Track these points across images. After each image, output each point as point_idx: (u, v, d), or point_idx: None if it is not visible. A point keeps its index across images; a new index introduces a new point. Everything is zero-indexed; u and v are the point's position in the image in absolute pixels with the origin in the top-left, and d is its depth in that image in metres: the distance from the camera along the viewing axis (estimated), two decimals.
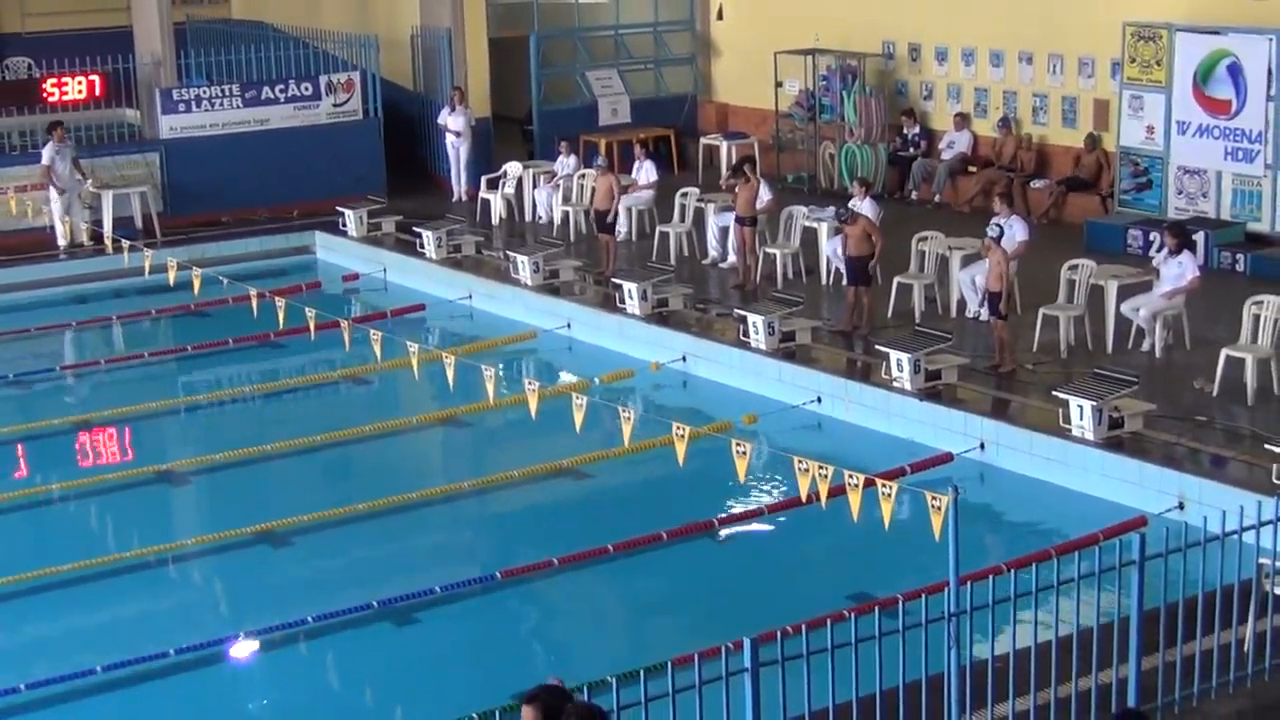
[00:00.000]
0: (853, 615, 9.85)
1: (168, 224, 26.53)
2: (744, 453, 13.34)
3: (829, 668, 9.46)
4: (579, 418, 14.91)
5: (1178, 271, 18.38)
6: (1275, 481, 14.19)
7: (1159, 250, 19.22)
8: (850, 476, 12.30)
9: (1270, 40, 21.85)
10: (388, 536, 16.04)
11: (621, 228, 24.89)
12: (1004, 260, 18.08)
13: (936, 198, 26.35)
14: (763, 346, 19.20)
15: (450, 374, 16.60)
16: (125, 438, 19.28)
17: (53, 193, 25.62)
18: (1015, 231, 19.59)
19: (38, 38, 31.86)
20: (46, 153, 25.51)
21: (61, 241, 25.84)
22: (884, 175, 27.08)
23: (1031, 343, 18.85)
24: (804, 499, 13.24)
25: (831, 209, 22.23)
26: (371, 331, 17.70)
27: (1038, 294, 19.66)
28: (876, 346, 18.44)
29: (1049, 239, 22.66)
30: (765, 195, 22.41)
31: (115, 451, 19.04)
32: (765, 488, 16.51)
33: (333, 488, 17.55)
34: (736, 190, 22.26)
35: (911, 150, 27.14)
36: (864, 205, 21.33)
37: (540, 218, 26.59)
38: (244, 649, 13.62)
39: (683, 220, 24.33)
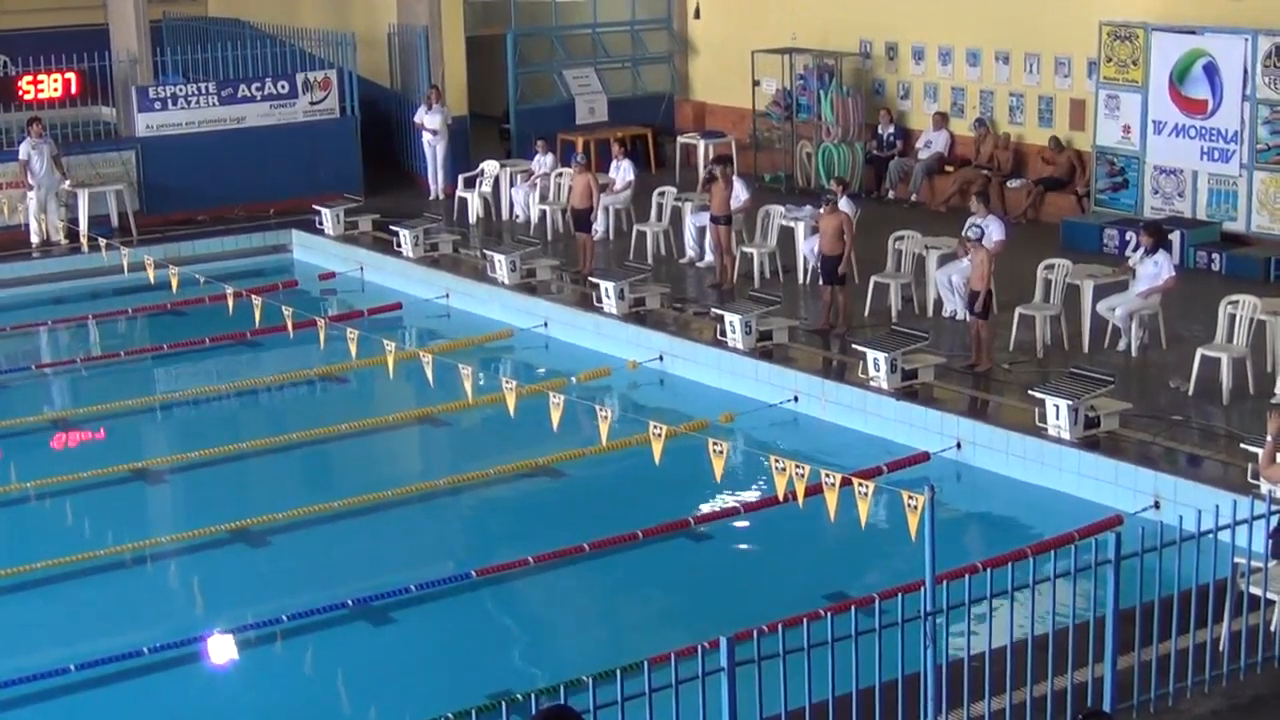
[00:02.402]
0: (829, 614, 9.84)
1: (144, 222, 26.45)
2: (721, 452, 13.35)
3: (805, 667, 9.47)
4: (556, 416, 14.91)
5: (1153, 271, 18.42)
6: (1250, 481, 14.22)
7: (1135, 250, 19.25)
8: (827, 476, 12.31)
9: (1246, 40, 21.91)
10: (364, 535, 16.00)
11: (599, 227, 24.92)
12: (987, 259, 18.11)
13: (913, 197, 26.38)
14: (740, 345, 19.20)
15: (428, 372, 16.60)
16: (101, 436, 19.21)
17: (27, 190, 25.56)
18: (992, 231, 19.62)
19: (13, 35, 31.68)
20: (23, 149, 25.43)
21: (35, 239, 25.75)
22: (861, 174, 27.11)
23: (1008, 342, 18.89)
24: (781, 498, 13.24)
25: (809, 208, 22.30)
26: (348, 330, 17.67)
27: (1014, 293, 19.69)
28: (853, 345, 18.45)
29: (1026, 238, 22.71)
30: (742, 194, 22.44)
31: (91, 450, 18.95)
32: (742, 487, 16.50)
33: (309, 486, 17.52)
34: (711, 190, 22.25)
35: (888, 150, 27.17)
36: (841, 204, 21.36)
37: (517, 216, 26.57)
38: (219, 647, 13.60)
39: (660, 219, 24.32)
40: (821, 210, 20.08)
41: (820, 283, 20.29)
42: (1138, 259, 18.76)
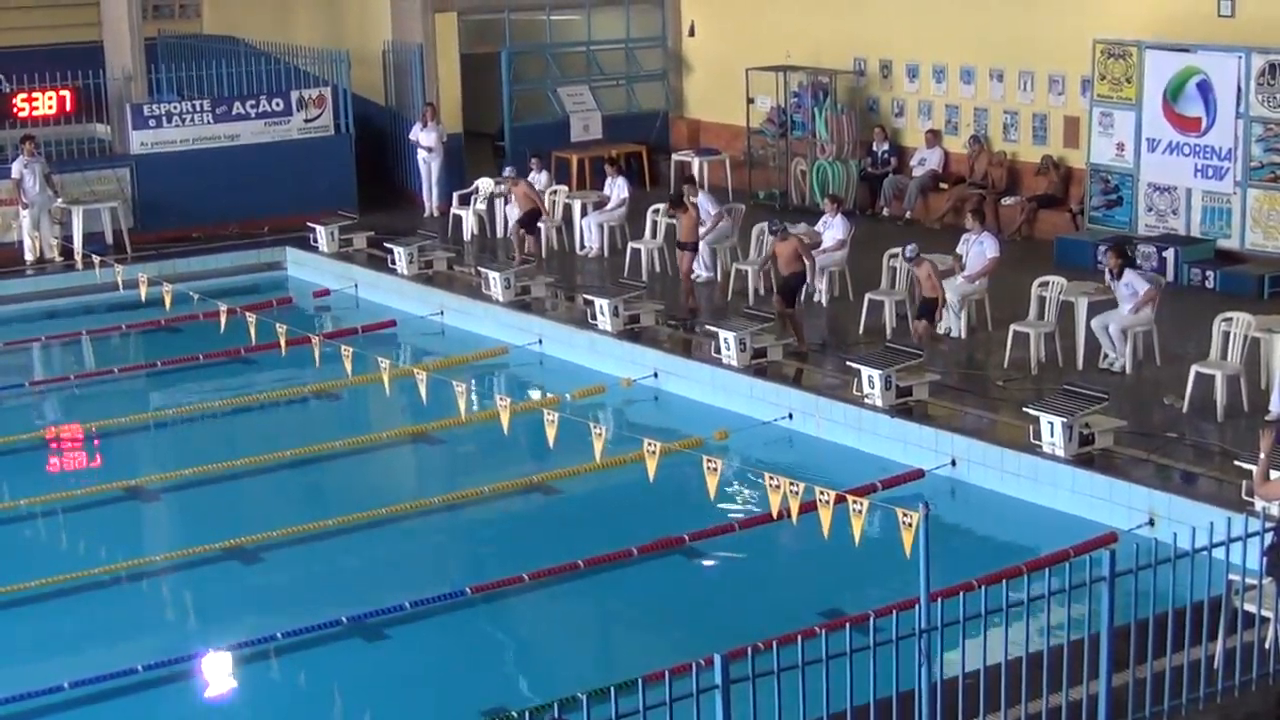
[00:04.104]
0: (824, 631, 9.83)
1: (138, 239, 26.43)
2: (715, 469, 13.35)
3: (800, 684, 9.46)
4: (551, 433, 14.91)
5: (1128, 292, 18.39)
6: (1245, 498, 14.22)
7: (1107, 275, 19.06)
8: (821, 493, 12.31)
9: (1239, 58, 21.94)
10: (358, 552, 15.99)
11: (593, 243, 24.98)
12: (935, 273, 18.69)
13: (908, 214, 26.39)
14: (734, 363, 19.20)
15: (422, 390, 16.59)
16: (95, 453, 19.19)
17: (20, 207, 25.55)
18: (986, 248, 19.73)
19: (7, 52, 31.65)
20: (15, 167, 25.41)
21: (29, 257, 25.74)
22: (855, 192, 27.14)
23: (1003, 359, 18.90)
24: (775, 515, 13.23)
25: (804, 225, 22.31)
26: (342, 347, 17.67)
27: (1008, 310, 19.72)
28: (848, 363, 18.45)
29: (1020, 255, 22.73)
30: (710, 209, 22.88)
31: (84, 467, 18.93)
32: (737, 504, 16.49)
33: (303, 503, 17.49)
34: (679, 217, 22.20)
35: (882, 167, 27.18)
36: (835, 222, 21.46)
37: (512, 234, 26.53)
38: (213, 665, 13.58)
39: (654, 236, 24.32)
40: (773, 238, 20.53)
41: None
42: (1110, 282, 18.71)
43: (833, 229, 21.75)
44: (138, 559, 15.80)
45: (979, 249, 19.87)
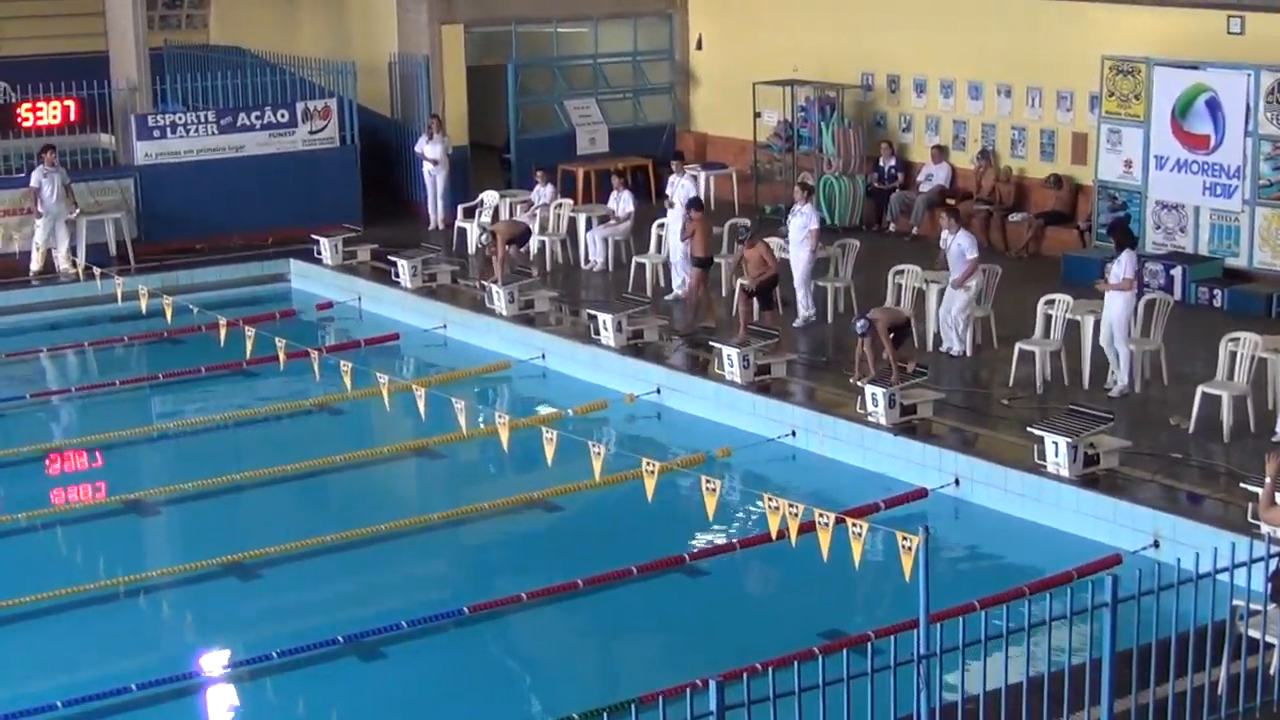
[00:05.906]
0: (821, 656, 9.72)
1: (142, 250, 26.37)
2: (714, 489, 13.26)
3: (796, 710, 9.35)
4: (550, 451, 14.81)
5: (1116, 270, 18.25)
6: (1250, 521, 14.10)
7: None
8: (820, 515, 12.20)
9: (1248, 75, 21.85)
10: (357, 569, 15.89)
11: (597, 258, 24.90)
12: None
13: (914, 230, 26.28)
14: (737, 379, 19.10)
15: (421, 405, 16.51)
16: (95, 466, 19.10)
17: (36, 217, 25.47)
18: (964, 249, 19.59)
19: (13, 62, 31.66)
20: (35, 176, 25.33)
21: (35, 267, 25.67)
22: (862, 207, 27.05)
23: (1008, 378, 18.79)
24: (774, 537, 13.13)
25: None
26: (342, 362, 17.59)
27: (1014, 328, 19.61)
28: (851, 381, 18.35)
29: (1026, 272, 22.67)
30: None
31: (84, 480, 18.85)
32: (737, 522, 16.39)
33: (303, 519, 17.38)
34: (693, 235, 21.92)
35: (889, 182, 27.09)
36: (804, 210, 21.33)
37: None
38: (208, 685, 13.49)
39: (659, 251, 24.21)
40: (742, 244, 21.04)
41: (743, 304, 20.35)
42: (1110, 262, 18.59)
43: (803, 216, 21.43)
44: (135, 574, 15.70)
45: (957, 249, 19.71)
